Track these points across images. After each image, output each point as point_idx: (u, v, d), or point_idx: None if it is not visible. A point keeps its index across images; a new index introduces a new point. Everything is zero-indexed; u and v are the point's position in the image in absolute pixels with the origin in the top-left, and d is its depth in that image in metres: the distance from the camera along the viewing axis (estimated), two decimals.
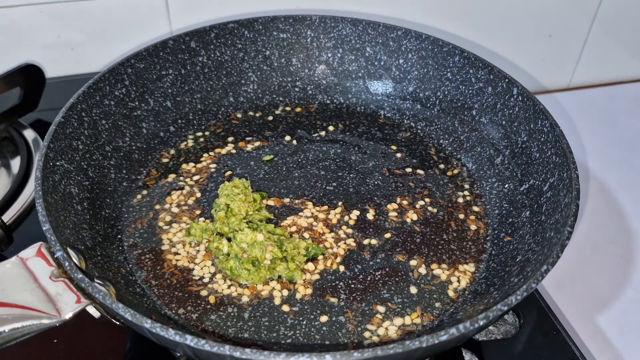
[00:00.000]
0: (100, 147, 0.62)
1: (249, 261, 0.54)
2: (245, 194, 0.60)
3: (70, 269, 0.43)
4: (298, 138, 0.71)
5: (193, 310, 0.52)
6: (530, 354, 0.55)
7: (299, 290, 0.54)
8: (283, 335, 0.50)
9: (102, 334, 0.55)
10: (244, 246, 0.55)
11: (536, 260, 0.50)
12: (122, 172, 0.64)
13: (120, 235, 0.59)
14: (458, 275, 0.56)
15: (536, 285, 0.43)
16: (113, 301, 0.41)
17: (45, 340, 0.53)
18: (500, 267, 0.55)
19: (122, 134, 0.65)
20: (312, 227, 0.60)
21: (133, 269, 0.56)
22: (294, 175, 0.66)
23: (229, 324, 0.51)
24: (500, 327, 0.56)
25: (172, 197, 0.63)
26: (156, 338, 0.41)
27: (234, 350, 0.37)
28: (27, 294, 0.43)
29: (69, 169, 0.56)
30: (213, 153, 0.68)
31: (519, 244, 0.56)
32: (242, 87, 0.75)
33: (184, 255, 0.57)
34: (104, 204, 0.60)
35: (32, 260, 0.45)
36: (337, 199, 0.63)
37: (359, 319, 0.52)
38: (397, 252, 0.58)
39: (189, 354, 0.41)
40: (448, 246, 0.59)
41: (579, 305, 0.64)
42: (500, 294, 0.51)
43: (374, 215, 0.61)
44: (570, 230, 0.47)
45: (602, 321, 0.63)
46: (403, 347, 0.37)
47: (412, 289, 0.54)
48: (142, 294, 0.53)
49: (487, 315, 0.40)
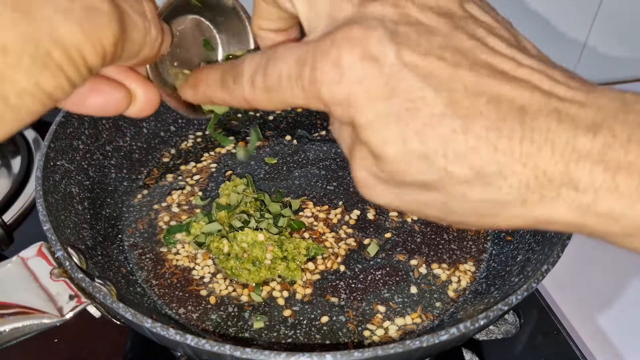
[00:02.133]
0: (100, 147, 0.62)
1: (249, 261, 0.54)
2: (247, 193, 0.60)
3: (70, 269, 0.43)
4: (298, 137, 0.71)
5: (193, 310, 0.52)
6: (531, 354, 0.55)
7: (300, 290, 0.54)
8: (283, 335, 0.50)
9: (103, 334, 0.55)
10: (245, 246, 0.55)
11: (537, 260, 0.50)
12: (123, 172, 0.64)
13: (121, 235, 0.59)
14: (458, 275, 0.56)
15: (537, 285, 0.43)
16: (113, 301, 0.41)
17: (45, 340, 0.53)
18: (500, 266, 0.55)
19: (122, 133, 0.65)
20: (312, 226, 0.60)
21: (133, 268, 0.56)
22: (295, 175, 0.66)
23: (229, 324, 0.51)
24: (500, 327, 0.56)
25: (173, 196, 0.63)
26: (157, 338, 0.41)
27: (235, 349, 0.37)
28: (28, 294, 0.43)
29: (69, 168, 0.56)
30: (213, 153, 0.68)
31: (519, 244, 0.56)
32: None
33: (184, 255, 0.57)
34: (105, 204, 0.60)
35: (33, 260, 0.45)
36: (337, 198, 0.63)
37: (359, 319, 0.52)
38: (398, 252, 0.58)
39: (189, 353, 0.41)
40: (448, 246, 0.59)
41: (579, 305, 0.64)
42: (500, 294, 0.51)
43: (375, 214, 0.61)
44: None
45: (602, 321, 0.63)
46: (403, 347, 0.37)
47: (412, 289, 0.54)
48: (142, 294, 0.53)
49: (487, 315, 0.40)
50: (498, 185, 0.25)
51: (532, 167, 0.24)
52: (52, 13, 0.24)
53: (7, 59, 0.23)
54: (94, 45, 0.26)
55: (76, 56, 0.25)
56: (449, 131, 0.25)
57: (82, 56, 0.26)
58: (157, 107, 0.34)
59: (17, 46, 0.24)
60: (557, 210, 0.25)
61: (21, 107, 0.25)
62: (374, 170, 0.27)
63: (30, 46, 0.24)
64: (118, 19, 0.27)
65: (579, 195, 0.24)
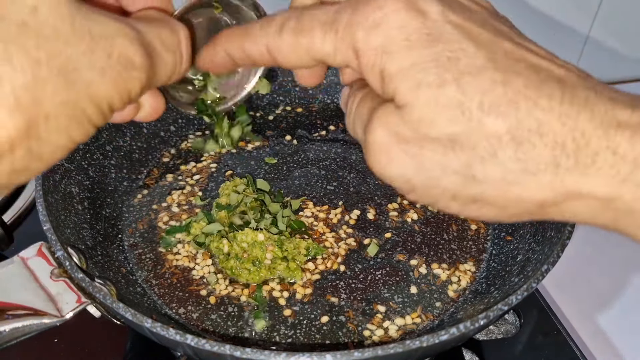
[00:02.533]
0: (100, 147, 0.62)
1: (249, 261, 0.54)
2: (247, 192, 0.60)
3: (70, 269, 0.43)
4: (298, 137, 0.71)
5: (193, 309, 0.52)
6: (531, 354, 0.55)
7: (300, 290, 0.54)
8: (283, 334, 0.50)
9: (103, 334, 0.55)
10: (245, 246, 0.55)
11: (537, 260, 0.50)
12: (123, 172, 0.64)
13: (121, 235, 0.59)
14: (458, 275, 0.56)
15: (537, 285, 0.43)
16: (113, 301, 0.41)
17: (45, 340, 0.53)
18: (500, 266, 0.55)
19: (122, 133, 0.65)
20: (312, 226, 0.60)
21: (133, 268, 0.56)
22: (295, 175, 0.66)
23: (229, 324, 0.51)
24: (500, 327, 0.56)
25: (173, 196, 0.63)
26: (157, 338, 0.41)
27: (235, 349, 0.37)
28: (28, 294, 0.43)
29: (69, 168, 0.56)
30: (213, 152, 0.68)
31: (519, 244, 0.56)
32: None
33: (184, 254, 0.57)
34: (105, 204, 0.60)
35: (33, 259, 0.45)
36: (337, 198, 0.63)
37: (359, 319, 0.52)
38: (398, 252, 0.58)
39: (189, 353, 0.41)
40: (448, 246, 0.59)
41: (579, 305, 0.64)
42: (500, 294, 0.51)
43: (375, 214, 0.61)
44: (571, 230, 0.47)
45: (602, 321, 0.63)
46: (403, 347, 0.37)
47: (412, 289, 0.54)
48: (142, 294, 0.53)
49: (487, 315, 0.40)
50: (532, 143, 0.24)
51: (570, 127, 0.23)
52: (92, 75, 0.25)
53: (48, 125, 0.24)
54: (122, 96, 0.26)
55: (106, 108, 0.26)
56: (488, 82, 0.24)
57: (111, 106, 0.26)
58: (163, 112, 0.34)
59: (58, 111, 0.24)
60: (591, 179, 0.24)
61: (53, 159, 0.25)
62: (396, 127, 0.26)
63: (69, 109, 0.24)
64: (149, 67, 0.27)
65: (617, 161, 0.23)
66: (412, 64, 0.25)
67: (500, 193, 0.25)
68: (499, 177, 0.25)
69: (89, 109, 0.25)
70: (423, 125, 0.25)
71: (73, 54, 0.24)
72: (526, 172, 0.24)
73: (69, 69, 0.24)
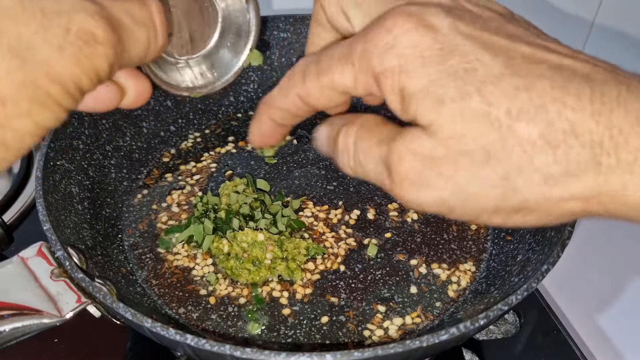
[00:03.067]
0: (100, 147, 0.62)
1: (249, 261, 0.54)
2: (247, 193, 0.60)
3: (70, 269, 0.43)
4: (298, 137, 0.71)
5: (193, 309, 0.52)
6: (531, 354, 0.55)
7: (300, 290, 0.54)
8: (283, 334, 0.50)
9: (103, 334, 0.55)
10: (245, 246, 0.55)
11: (537, 260, 0.50)
12: (123, 172, 0.64)
13: (121, 235, 0.59)
14: (458, 275, 0.56)
15: (537, 285, 0.43)
16: (113, 300, 0.41)
17: (45, 340, 0.53)
18: (500, 266, 0.55)
19: (122, 133, 0.65)
20: (312, 226, 0.60)
21: (133, 268, 0.56)
22: (295, 175, 0.66)
23: (229, 324, 0.51)
24: (500, 327, 0.56)
25: (173, 196, 0.63)
26: (157, 337, 0.41)
27: (235, 349, 0.37)
28: (28, 294, 0.43)
29: (69, 168, 0.56)
30: (213, 152, 0.68)
31: (519, 244, 0.56)
32: (243, 87, 0.75)
33: (184, 255, 0.57)
34: (105, 204, 0.60)
35: (33, 259, 0.45)
36: (337, 198, 0.63)
37: (359, 319, 0.52)
38: (398, 252, 0.58)
39: (189, 353, 0.41)
40: (448, 245, 0.59)
41: (579, 305, 0.64)
42: (500, 294, 0.51)
43: (375, 214, 0.61)
44: (571, 230, 0.47)
45: (602, 321, 0.63)
46: (404, 347, 0.37)
47: (412, 289, 0.54)
48: (142, 294, 0.53)
49: (487, 315, 0.40)
50: (569, 144, 0.23)
51: (605, 125, 0.23)
52: (49, 52, 0.24)
53: (6, 109, 0.23)
54: (89, 75, 0.26)
55: (73, 88, 0.25)
56: (511, 89, 0.23)
57: (79, 86, 0.25)
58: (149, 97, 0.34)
59: (16, 94, 0.23)
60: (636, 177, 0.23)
61: (21, 147, 0.25)
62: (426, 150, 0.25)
63: (29, 90, 0.24)
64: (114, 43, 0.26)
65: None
66: (430, 80, 0.24)
67: (543, 199, 0.24)
68: (540, 183, 0.24)
69: (53, 90, 0.24)
70: (453, 141, 0.24)
71: (24, 32, 0.23)
72: (568, 174, 0.23)
73: (21, 47, 0.23)
